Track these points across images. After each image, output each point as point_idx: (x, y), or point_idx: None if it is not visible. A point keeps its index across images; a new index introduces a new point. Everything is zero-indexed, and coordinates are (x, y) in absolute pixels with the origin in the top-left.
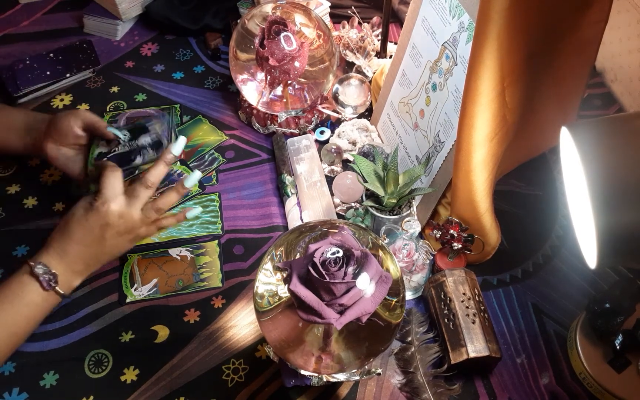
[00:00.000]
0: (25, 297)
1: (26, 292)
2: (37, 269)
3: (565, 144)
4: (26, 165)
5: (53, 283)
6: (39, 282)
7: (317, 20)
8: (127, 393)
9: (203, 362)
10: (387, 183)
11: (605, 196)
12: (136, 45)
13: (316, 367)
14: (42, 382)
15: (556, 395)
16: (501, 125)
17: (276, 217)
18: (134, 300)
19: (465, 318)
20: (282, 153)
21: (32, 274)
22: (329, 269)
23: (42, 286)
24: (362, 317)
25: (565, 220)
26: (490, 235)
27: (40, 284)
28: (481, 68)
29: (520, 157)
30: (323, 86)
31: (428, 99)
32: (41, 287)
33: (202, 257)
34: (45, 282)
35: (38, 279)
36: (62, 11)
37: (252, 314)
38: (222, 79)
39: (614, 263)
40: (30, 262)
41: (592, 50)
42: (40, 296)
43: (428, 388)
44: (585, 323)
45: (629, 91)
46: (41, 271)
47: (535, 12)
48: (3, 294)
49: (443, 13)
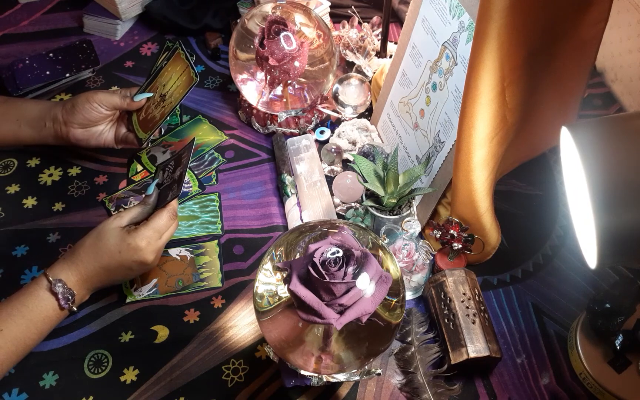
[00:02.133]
0: (42, 313)
1: (42, 307)
2: (56, 288)
3: (565, 144)
4: (26, 165)
5: (70, 302)
6: (57, 300)
7: (317, 20)
8: (127, 393)
9: (203, 362)
10: (387, 183)
11: (605, 196)
12: (136, 45)
13: (316, 367)
14: (42, 382)
15: (556, 395)
16: (501, 125)
17: (276, 217)
18: (134, 301)
19: (465, 318)
20: (282, 153)
21: (51, 291)
22: (329, 269)
23: (60, 305)
24: (362, 317)
25: (565, 220)
26: (490, 235)
27: (57, 302)
28: (481, 68)
29: (521, 157)
30: (323, 86)
31: (428, 99)
32: (58, 305)
33: (201, 257)
34: (64, 301)
35: (56, 297)
36: (62, 11)
37: (252, 314)
38: (222, 78)
39: (614, 263)
40: (50, 277)
41: (592, 50)
42: (55, 312)
43: (428, 388)
44: (585, 323)
45: (629, 91)
46: (60, 289)
47: (535, 11)
48: (19, 308)
49: (443, 13)
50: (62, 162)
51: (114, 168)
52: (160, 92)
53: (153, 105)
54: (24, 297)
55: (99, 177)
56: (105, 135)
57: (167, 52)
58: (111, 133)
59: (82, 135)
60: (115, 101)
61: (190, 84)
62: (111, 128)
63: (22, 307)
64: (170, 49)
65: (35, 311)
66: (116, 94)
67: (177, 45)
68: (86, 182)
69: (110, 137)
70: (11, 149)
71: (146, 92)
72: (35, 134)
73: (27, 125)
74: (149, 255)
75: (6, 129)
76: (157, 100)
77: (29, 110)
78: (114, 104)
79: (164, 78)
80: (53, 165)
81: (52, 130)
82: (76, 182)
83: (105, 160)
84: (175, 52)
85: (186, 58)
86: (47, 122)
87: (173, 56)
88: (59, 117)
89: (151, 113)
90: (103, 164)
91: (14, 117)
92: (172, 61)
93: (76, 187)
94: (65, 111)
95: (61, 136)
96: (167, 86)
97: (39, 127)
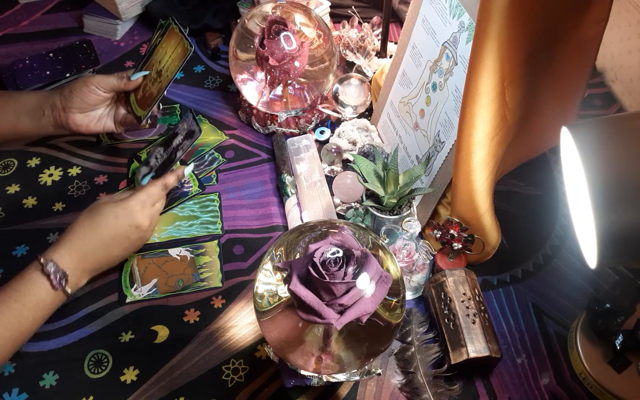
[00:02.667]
0: (35, 296)
1: (35, 290)
2: (48, 268)
3: (565, 144)
4: (26, 165)
5: (63, 282)
6: (49, 281)
7: (317, 20)
8: (127, 393)
9: (203, 362)
10: (387, 183)
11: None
12: (136, 45)
13: (316, 367)
14: (42, 382)
15: (556, 395)
16: (501, 125)
17: (276, 217)
18: (134, 300)
19: (465, 318)
20: (282, 153)
21: (43, 272)
22: (329, 269)
23: (52, 285)
24: (362, 317)
25: (565, 220)
26: (490, 235)
27: (50, 283)
28: (481, 68)
29: (521, 157)
30: (323, 86)
31: (428, 99)
32: (51, 286)
33: (202, 257)
34: (56, 281)
35: (49, 278)
36: (62, 11)
37: (252, 314)
38: (222, 78)
39: (614, 263)
40: (42, 259)
41: (592, 50)
42: (49, 295)
43: (428, 388)
44: (585, 323)
45: (629, 91)
46: (52, 269)
47: (536, 11)
48: (11, 293)
49: (443, 13)
50: (62, 162)
51: (114, 168)
52: (157, 69)
53: (150, 83)
54: (17, 282)
55: (99, 177)
56: (104, 120)
57: (160, 29)
58: (110, 117)
59: (82, 121)
60: (113, 82)
61: (185, 55)
62: (110, 111)
63: (15, 292)
64: (163, 26)
65: (28, 295)
66: (113, 76)
67: (170, 21)
68: (86, 182)
69: (109, 121)
70: (11, 149)
71: (143, 71)
72: (34, 124)
73: (26, 116)
74: (144, 220)
75: (5, 122)
76: (154, 77)
77: (27, 101)
78: (111, 85)
79: (159, 55)
80: (53, 165)
81: (51, 119)
82: (76, 182)
83: (106, 160)
84: (169, 27)
85: (180, 31)
86: (45, 111)
87: (167, 32)
88: (57, 103)
89: (148, 90)
90: (103, 164)
91: (12, 110)
92: (166, 37)
93: (76, 187)
94: (64, 97)
95: (61, 123)
96: (163, 61)
97: (37, 116)
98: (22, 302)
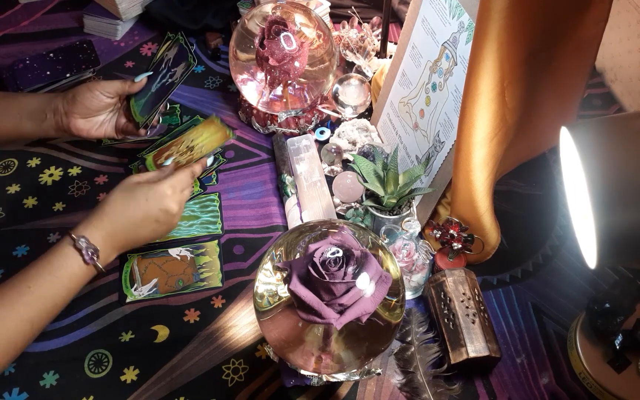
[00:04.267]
0: (68, 270)
1: (68, 264)
2: (80, 243)
3: (565, 144)
4: (26, 165)
5: (95, 257)
6: (81, 255)
7: (317, 20)
8: (127, 393)
9: (203, 362)
10: (387, 183)
11: (605, 196)
12: (136, 45)
13: (316, 367)
14: (42, 382)
15: (556, 395)
16: (501, 125)
17: (276, 217)
18: (134, 300)
19: (465, 318)
20: (282, 153)
21: (75, 247)
22: (329, 269)
23: (84, 259)
24: (362, 317)
25: (565, 220)
26: (490, 235)
27: (82, 257)
28: (481, 68)
29: (520, 157)
30: (323, 86)
31: (428, 99)
32: (83, 260)
33: (202, 257)
34: (88, 256)
35: (80, 252)
36: (62, 11)
37: (252, 314)
38: (222, 79)
39: (614, 263)
40: (73, 235)
41: (592, 50)
42: (81, 269)
43: (428, 388)
44: (585, 323)
45: (629, 91)
46: (84, 245)
47: (535, 11)
48: (45, 265)
49: (443, 13)
50: (62, 162)
51: (114, 168)
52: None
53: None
54: (50, 255)
55: (99, 177)
56: (105, 126)
57: (168, 42)
58: (112, 123)
59: (84, 126)
60: (117, 86)
61: (226, 140)
62: (112, 118)
63: (49, 265)
64: (171, 39)
65: (62, 269)
66: (117, 80)
67: (179, 36)
68: (86, 182)
69: (110, 127)
70: (11, 149)
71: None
72: (36, 126)
73: (28, 119)
74: (174, 205)
75: (8, 123)
76: (183, 150)
77: (30, 103)
78: (115, 88)
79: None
80: (53, 165)
81: (52, 122)
82: (76, 182)
83: (106, 161)
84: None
85: (185, 44)
86: (47, 114)
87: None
88: (60, 108)
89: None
90: (103, 164)
91: (15, 111)
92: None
93: (76, 187)
94: (67, 102)
95: (62, 127)
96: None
97: (39, 119)
98: (56, 275)
